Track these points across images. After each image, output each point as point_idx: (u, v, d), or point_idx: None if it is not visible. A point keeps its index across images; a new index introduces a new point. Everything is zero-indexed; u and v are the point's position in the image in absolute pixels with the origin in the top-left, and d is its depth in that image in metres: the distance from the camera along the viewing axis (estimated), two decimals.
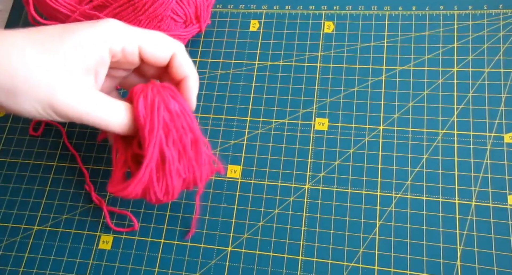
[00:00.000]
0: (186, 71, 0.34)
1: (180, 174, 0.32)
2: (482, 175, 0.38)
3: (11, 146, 0.45)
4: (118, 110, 0.31)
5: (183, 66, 0.33)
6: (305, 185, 0.40)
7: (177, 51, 0.33)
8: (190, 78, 0.34)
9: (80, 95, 0.29)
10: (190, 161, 0.32)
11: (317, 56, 0.45)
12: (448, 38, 0.43)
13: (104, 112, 0.30)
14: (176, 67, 0.33)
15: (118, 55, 0.31)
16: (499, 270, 0.35)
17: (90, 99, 0.29)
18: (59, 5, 0.40)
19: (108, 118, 0.30)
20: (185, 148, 0.32)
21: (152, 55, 0.32)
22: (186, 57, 0.34)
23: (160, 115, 0.30)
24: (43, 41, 0.28)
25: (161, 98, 0.31)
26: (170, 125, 0.31)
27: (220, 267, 0.38)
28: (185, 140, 0.31)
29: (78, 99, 0.29)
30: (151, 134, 0.30)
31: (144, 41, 0.31)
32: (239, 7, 0.48)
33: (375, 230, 0.38)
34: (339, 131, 0.41)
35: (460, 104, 0.41)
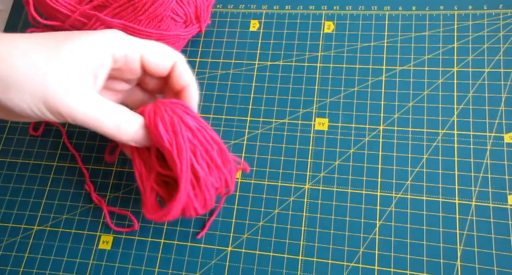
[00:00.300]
0: (187, 80, 0.34)
1: (214, 185, 0.33)
2: (482, 175, 0.38)
3: (11, 146, 0.45)
4: (112, 112, 0.30)
5: (184, 75, 0.34)
6: (305, 185, 0.40)
7: (178, 61, 0.34)
8: (191, 87, 0.34)
9: (75, 94, 0.28)
10: (220, 170, 0.33)
11: (317, 56, 0.45)
12: (448, 38, 0.43)
13: (98, 113, 0.29)
14: (177, 76, 0.34)
15: (120, 62, 0.31)
16: (499, 270, 0.35)
17: (85, 99, 0.29)
18: (59, 5, 0.39)
19: (103, 119, 0.30)
20: (213, 160, 0.32)
21: (154, 64, 0.33)
22: (186, 67, 0.34)
23: (184, 135, 0.31)
24: (45, 45, 0.28)
25: (178, 117, 0.31)
26: (195, 142, 0.31)
27: (220, 267, 0.38)
28: (212, 152, 0.32)
29: (72, 97, 0.28)
30: (181, 156, 0.30)
31: (146, 50, 0.32)
32: (239, 7, 0.48)
33: (375, 230, 0.38)
34: (339, 131, 0.41)
35: (460, 104, 0.41)
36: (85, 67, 0.29)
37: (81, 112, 0.29)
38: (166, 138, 0.31)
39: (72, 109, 0.28)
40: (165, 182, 0.34)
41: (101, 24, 0.40)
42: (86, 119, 0.29)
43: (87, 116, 0.29)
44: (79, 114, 0.29)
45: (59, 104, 0.28)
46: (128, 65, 0.32)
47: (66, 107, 0.28)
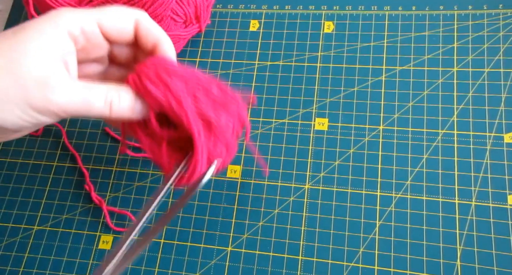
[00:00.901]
0: (156, 35, 0.31)
1: (228, 125, 0.30)
2: (482, 175, 0.38)
3: (11, 146, 0.45)
4: (98, 92, 0.29)
5: (150, 30, 0.31)
6: (305, 185, 0.40)
7: (139, 18, 0.31)
8: (161, 42, 0.31)
9: (56, 87, 0.27)
10: (228, 107, 0.30)
11: (317, 56, 0.45)
12: (448, 38, 0.43)
13: (86, 97, 0.28)
14: (143, 34, 0.31)
15: (81, 40, 0.29)
16: (499, 270, 0.35)
17: (67, 88, 0.27)
18: (59, 5, 0.39)
19: (93, 101, 0.28)
20: (217, 99, 0.29)
21: (113, 28, 0.30)
22: (151, 23, 0.31)
23: (176, 84, 0.28)
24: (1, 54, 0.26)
25: (163, 69, 0.29)
26: (190, 87, 0.29)
27: (220, 267, 0.38)
28: (213, 92, 0.29)
29: (54, 91, 0.27)
30: (182, 105, 0.28)
31: (101, 16, 0.30)
32: (239, 7, 0.48)
33: (375, 230, 0.38)
34: (339, 131, 0.41)
35: (460, 104, 0.41)
36: (51, 58, 0.27)
37: (69, 102, 0.27)
38: (159, 94, 0.28)
39: (59, 102, 0.27)
40: (180, 147, 0.31)
41: None
42: (77, 107, 0.28)
43: (76, 104, 0.27)
44: (68, 104, 0.27)
45: (45, 102, 0.26)
46: (90, 41, 0.30)
47: (53, 102, 0.27)
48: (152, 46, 0.31)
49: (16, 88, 0.25)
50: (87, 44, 0.30)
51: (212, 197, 0.40)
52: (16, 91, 0.26)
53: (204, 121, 0.29)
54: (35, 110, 0.26)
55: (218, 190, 0.40)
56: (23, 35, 0.27)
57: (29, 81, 0.26)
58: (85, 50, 0.30)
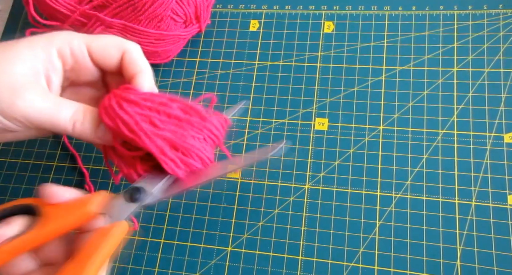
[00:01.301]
0: (138, 67, 0.31)
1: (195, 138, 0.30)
2: (482, 175, 0.38)
3: (11, 146, 0.45)
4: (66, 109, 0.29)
5: (135, 61, 0.31)
6: (305, 185, 0.40)
7: (128, 49, 0.31)
8: (140, 74, 0.31)
9: (26, 96, 0.28)
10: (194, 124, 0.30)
11: (317, 56, 0.45)
12: (448, 38, 0.43)
13: (52, 110, 0.29)
14: (127, 63, 0.31)
15: (69, 60, 0.30)
16: (499, 270, 0.35)
17: (37, 99, 0.28)
18: (59, 5, 0.40)
19: (58, 116, 0.29)
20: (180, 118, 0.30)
21: (100, 53, 0.31)
22: (138, 55, 0.32)
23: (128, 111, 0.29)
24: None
25: (116, 98, 0.29)
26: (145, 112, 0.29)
27: (220, 267, 0.38)
28: (173, 111, 0.30)
29: (24, 100, 0.28)
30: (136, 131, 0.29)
31: (92, 40, 0.31)
32: (239, 7, 0.48)
33: (375, 230, 0.38)
34: (339, 131, 0.41)
35: (460, 104, 0.41)
36: (33, 71, 0.29)
37: (35, 113, 0.28)
38: (109, 122, 0.29)
39: (24, 110, 0.28)
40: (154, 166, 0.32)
41: (100, 24, 0.40)
42: (41, 119, 0.28)
43: (42, 115, 0.28)
44: (33, 114, 0.28)
45: (11, 108, 0.27)
46: (78, 62, 0.31)
47: (18, 109, 0.28)
48: (131, 76, 0.32)
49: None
50: (75, 65, 0.31)
51: (212, 197, 0.40)
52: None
53: (165, 140, 0.30)
54: (1, 114, 0.28)
55: (218, 190, 0.40)
56: (17, 46, 0.29)
57: (3, 85, 0.27)
58: (75, 71, 0.31)
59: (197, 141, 0.31)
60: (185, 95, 0.45)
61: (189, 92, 0.45)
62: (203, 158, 0.31)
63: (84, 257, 0.26)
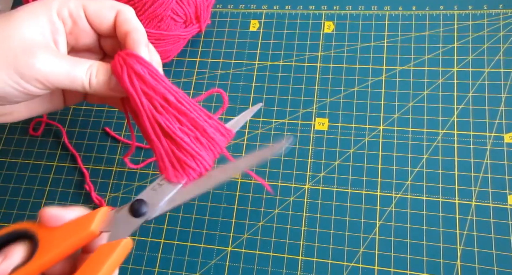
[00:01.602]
0: (130, 25, 0.32)
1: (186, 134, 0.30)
2: (482, 175, 0.38)
3: (11, 146, 0.45)
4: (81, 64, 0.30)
5: (127, 21, 0.32)
6: (305, 185, 0.40)
7: (121, 9, 0.32)
8: (134, 32, 0.32)
9: (44, 57, 0.29)
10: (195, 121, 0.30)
11: (317, 56, 0.45)
12: (448, 38, 0.43)
13: (70, 68, 0.30)
14: (119, 23, 0.32)
15: (68, 22, 0.31)
16: (499, 270, 0.35)
17: (54, 59, 0.29)
18: None
19: (75, 73, 0.30)
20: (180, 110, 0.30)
21: (95, 14, 0.32)
22: (131, 15, 0.32)
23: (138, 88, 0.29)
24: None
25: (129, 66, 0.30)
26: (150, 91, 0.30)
27: (220, 267, 0.38)
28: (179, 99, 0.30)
29: (42, 60, 0.29)
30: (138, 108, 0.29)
31: (88, 2, 0.32)
32: (239, 7, 0.48)
33: (375, 230, 0.38)
34: (339, 131, 0.41)
35: (460, 104, 0.41)
36: (41, 33, 0.30)
37: (53, 71, 0.29)
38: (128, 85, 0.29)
39: (43, 70, 0.29)
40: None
41: None
42: (60, 77, 0.29)
43: (60, 73, 0.29)
44: (52, 73, 0.29)
45: (30, 69, 0.28)
46: (77, 24, 0.32)
47: (37, 69, 0.29)
48: (125, 35, 0.32)
49: (4, 56, 0.28)
50: (74, 27, 0.32)
51: (212, 197, 0.40)
52: (4, 58, 0.28)
53: (158, 125, 0.30)
54: (20, 76, 0.28)
55: (218, 190, 0.40)
56: (17, 14, 0.30)
57: (17, 49, 0.28)
58: (74, 34, 0.32)
59: (189, 138, 0.30)
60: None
61: (189, 92, 0.45)
62: (193, 155, 0.30)
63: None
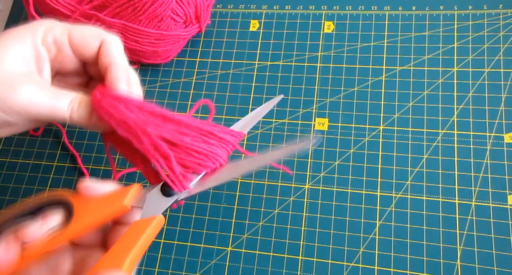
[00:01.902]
0: (112, 59, 0.31)
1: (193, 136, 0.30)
2: (482, 175, 0.38)
3: (11, 146, 0.45)
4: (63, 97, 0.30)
5: (109, 53, 0.31)
6: (305, 185, 0.40)
7: (106, 39, 0.31)
8: (114, 66, 0.31)
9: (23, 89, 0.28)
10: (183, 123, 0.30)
11: (317, 56, 0.45)
12: (448, 38, 0.43)
13: (49, 99, 0.29)
14: (102, 54, 0.31)
15: (52, 49, 0.31)
16: (499, 270, 0.35)
17: (32, 91, 0.29)
18: (59, 5, 0.40)
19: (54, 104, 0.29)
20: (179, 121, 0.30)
21: (79, 42, 0.31)
22: (115, 47, 0.31)
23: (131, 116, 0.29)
24: None
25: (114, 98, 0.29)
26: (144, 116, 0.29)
27: (220, 267, 0.38)
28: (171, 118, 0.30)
29: (21, 92, 0.28)
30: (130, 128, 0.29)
31: (72, 29, 0.31)
32: (239, 7, 0.48)
33: (375, 230, 0.38)
34: (339, 131, 0.41)
35: (460, 104, 0.41)
36: (25, 63, 0.29)
37: (35, 105, 0.29)
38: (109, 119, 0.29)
39: (25, 105, 0.28)
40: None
41: (101, 24, 0.40)
42: (41, 111, 0.29)
43: (41, 107, 0.29)
44: (33, 107, 0.29)
45: (9, 100, 0.28)
46: (60, 51, 0.31)
47: (20, 104, 0.28)
48: (105, 68, 0.31)
49: None
50: (58, 54, 0.31)
51: (212, 197, 0.40)
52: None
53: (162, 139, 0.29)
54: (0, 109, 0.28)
55: (218, 190, 0.40)
56: (1, 40, 0.29)
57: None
58: (58, 61, 0.32)
59: (197, 141, 0.30)
60: (185, 95, 0.45)
61: (189, 92, 0.45)
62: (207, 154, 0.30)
63: (122, 250, 0.26)
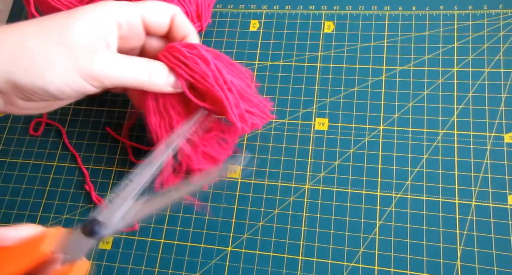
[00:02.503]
0: (187, 29, 0.35)
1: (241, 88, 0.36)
2: (482, 175, 0.38)
3: (11, 146, 0.45)
4: (140, 62, 0.32)
5: (183, 24, 0.35)
6: (305, 185, 0.40)
7: (175, 13, 0.35)
8: (190, 35, 0.35)
9: (102, 56, 0.30)
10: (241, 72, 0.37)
11: (317, 56, 0.45)
12: (448, 38, 0.43)
13: (128, 66, 0.31)
14: (177, 27, 0.35)
15: (124, 27, 0.32)
16: (499, 270, 0.35)
17: (112, 58, 0.31)
18: (60, 4, 0.40)
19: (134, 71, 0.31)
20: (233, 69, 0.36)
21: (154, 21, 0.33)
22: (184, 18, 0.35)
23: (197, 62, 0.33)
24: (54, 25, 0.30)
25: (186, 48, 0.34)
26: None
27: (220, 267, 0.38)
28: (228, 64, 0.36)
29: (101, 59, 0.30)
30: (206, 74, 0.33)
31: (145, 10, 0.33)
32: (239, 7, 0.48)
33: (375, 230, 0.38)
34: (339, 131, 0.41)
35: (460, 104, 0.41)
36: (96, 35, 0.30)
37: (114, 69, 0.30)
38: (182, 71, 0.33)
39: (104, 69, 0.30)
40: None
41: None
42: (120, 74, 0.31)
43: (121, 71, 0.31)
44: (113, 71, 0.30)
45: (91, 68, 0.29)
46: (132, 30, 0.33)
47: (98, 68, 0.30)
48: (182, 38, 0.35)
49: (65, 56, 0.29)
50: (128, 32, 0.33)
51: (212, 197, 0.40)
52: (65, 59, 0.29)
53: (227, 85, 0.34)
54: (81, 76, 0.29)
55: (218, 190, 0.40)
56: (73, 15, 0.30)
57: (77, 50, 0.29)
58: (124, 38, 0.33)
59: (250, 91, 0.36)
60: None
61: None
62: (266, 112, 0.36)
63: None
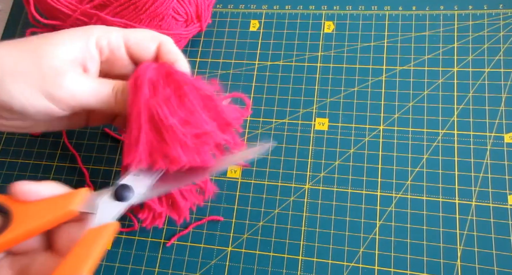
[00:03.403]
0: (174, 56, 0.33)
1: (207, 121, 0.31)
2: (482, 175, 0.38)
3: (11, 146, 0.45)
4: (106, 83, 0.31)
5: (170, 52, 0.33)
6: (305, 185, 0.40)
7: (163, 41, 0.33)
8: (179, 62, 0.33)
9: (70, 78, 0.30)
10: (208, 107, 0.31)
11: (317, 56, 0.45)
12: (448, 38, 0.43)
13: (93, 89, 0.31)
14: (164, 54, 0.33)
15: (106, 51, 0.32)
16: (499, 270, 0.35)
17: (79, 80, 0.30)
18: (60, 4, 0.39)
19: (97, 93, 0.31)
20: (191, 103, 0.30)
21: (137, 46, 0.33)
22: (173, 47, 0.34)
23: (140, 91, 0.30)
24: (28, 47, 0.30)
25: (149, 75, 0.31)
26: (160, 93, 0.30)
27: (220, 267, 0.38)
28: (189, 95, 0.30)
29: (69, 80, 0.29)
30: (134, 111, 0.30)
31: (129, 34, 0.33)
32: (239, 7, 0.48)
33: (375, 230, 0.38)
34: (339, 131, 0.41)
35: (460, 104, 0.41)
36: (72, 59, 0.30)
37: (80, 91, 0.30)
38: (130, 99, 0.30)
39: (72, 90, 0.29)
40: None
41: (102, 23, 0.40)
42: (87, 95, 0.30)
43: (87, 92, 0.30)
44: (79, 93, 0.30)
45: (57, 88, 0.29)
46: (114, 54, 0.32)
47: (67, 89, 0.29)
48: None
49: (33, 75, 0.29)
50: (111, 56, 0.32)
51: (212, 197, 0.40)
52: (32, 77, 0.29)
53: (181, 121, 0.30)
54: (46, 96, 0.29)
55: (218, 190, 0.40)
56: (55, 36, 0.30)
57: (46, 71, 0.29)
58: (109, 63, 0.33)
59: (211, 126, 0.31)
60: None
61: None
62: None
63: (80, 259, 0.25)
